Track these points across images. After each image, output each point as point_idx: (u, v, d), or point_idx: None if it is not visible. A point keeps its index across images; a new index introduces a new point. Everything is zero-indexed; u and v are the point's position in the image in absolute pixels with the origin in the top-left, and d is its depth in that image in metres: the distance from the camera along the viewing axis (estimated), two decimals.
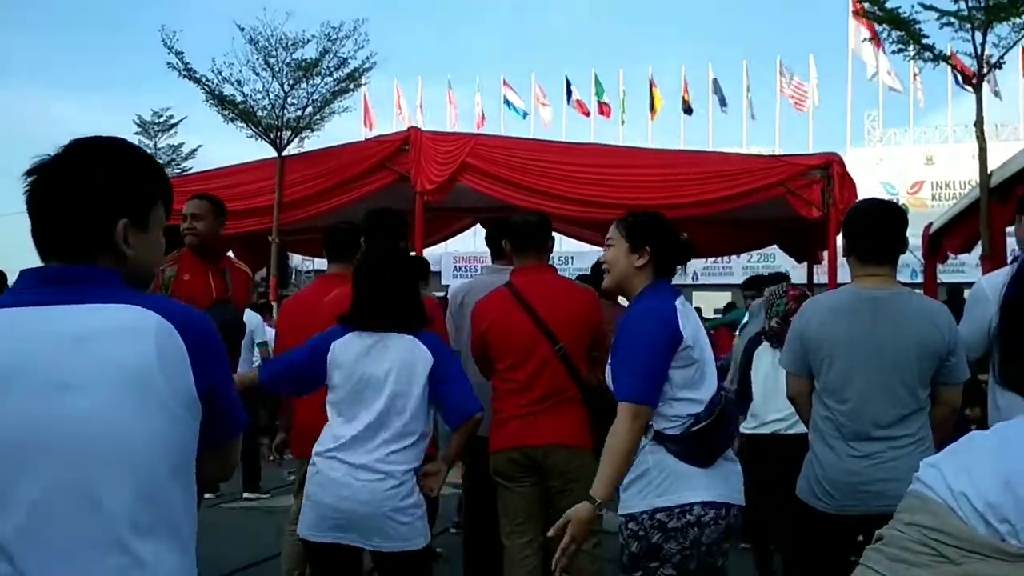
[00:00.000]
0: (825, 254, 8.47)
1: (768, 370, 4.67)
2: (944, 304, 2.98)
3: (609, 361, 2.61)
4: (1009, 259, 6.15)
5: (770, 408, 4.59)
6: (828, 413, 2.78)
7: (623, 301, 2.92)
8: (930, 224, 8.91)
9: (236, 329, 4.07)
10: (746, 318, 5.99)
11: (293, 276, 17.70)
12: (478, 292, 3.87)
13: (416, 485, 2.93)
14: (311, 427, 3.13)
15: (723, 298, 16.79)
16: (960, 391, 2.84)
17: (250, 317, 6.70)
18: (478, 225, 11.24)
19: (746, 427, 4.76)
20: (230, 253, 7.76)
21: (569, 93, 32.54)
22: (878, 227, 2.80)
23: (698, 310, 4.09)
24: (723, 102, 30.98)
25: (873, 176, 24.52)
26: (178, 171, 19.42)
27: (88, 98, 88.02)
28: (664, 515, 2.45)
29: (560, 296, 3.60)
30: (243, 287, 4.35)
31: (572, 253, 19.39)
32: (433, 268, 6.67)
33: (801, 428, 4.50)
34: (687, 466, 2.46)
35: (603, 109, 32.30)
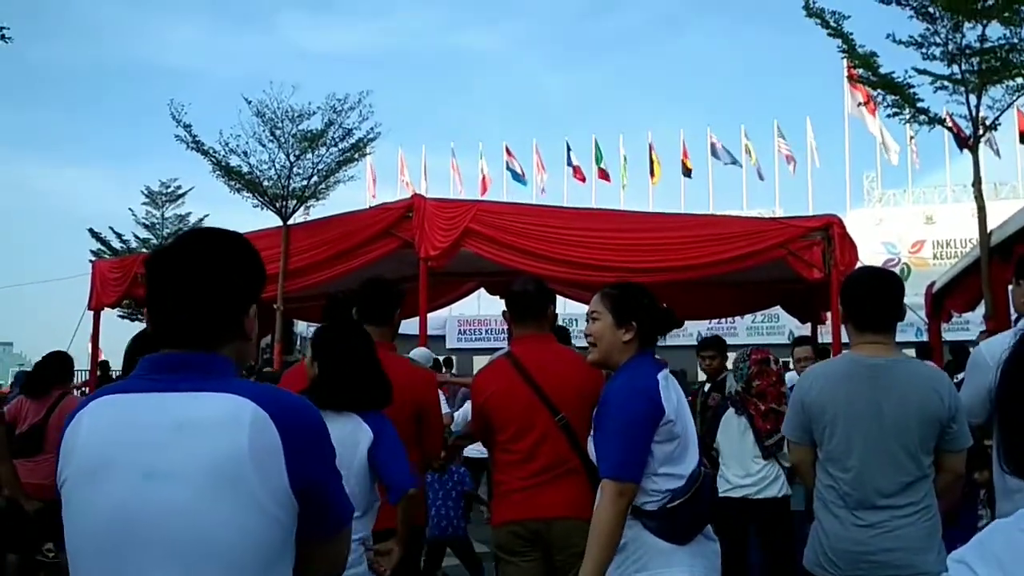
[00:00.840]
0: (829, 315, 8.46)
1: (734, 434, 4.70)
2: (948, 363, 2.97)
3: (592, 435, 2.59)
4: (1013, 318, 6.13)
5: (738, 472, 4.61)
6: (832, 482, 2.75)
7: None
8: (932, 283, 8.92)
9: None
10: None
11: (298, 342, 17.69)
12: None
13: (364, 558, 2.85)
14: None
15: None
16: (963, 458, 2.81)
17: None
18: (482, 289, 11.27)
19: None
20: None
21: (570, 159, 32.94)
22: (874, 296, 2.81)
23: (681, 373, 4.01)
24: (733, 159, 31.26)
25: (874, 236, 24.61)
26: None
27: (98, 169, 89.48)
28: None
29: (560, 365, 3.55)
30: None
31: (576, 315, 19.41)
32: (438, 332, 6.66)
33: (769, 493, 4.51)
34: (664, 543, 2.44)
35: (602, 174, 32.65)
